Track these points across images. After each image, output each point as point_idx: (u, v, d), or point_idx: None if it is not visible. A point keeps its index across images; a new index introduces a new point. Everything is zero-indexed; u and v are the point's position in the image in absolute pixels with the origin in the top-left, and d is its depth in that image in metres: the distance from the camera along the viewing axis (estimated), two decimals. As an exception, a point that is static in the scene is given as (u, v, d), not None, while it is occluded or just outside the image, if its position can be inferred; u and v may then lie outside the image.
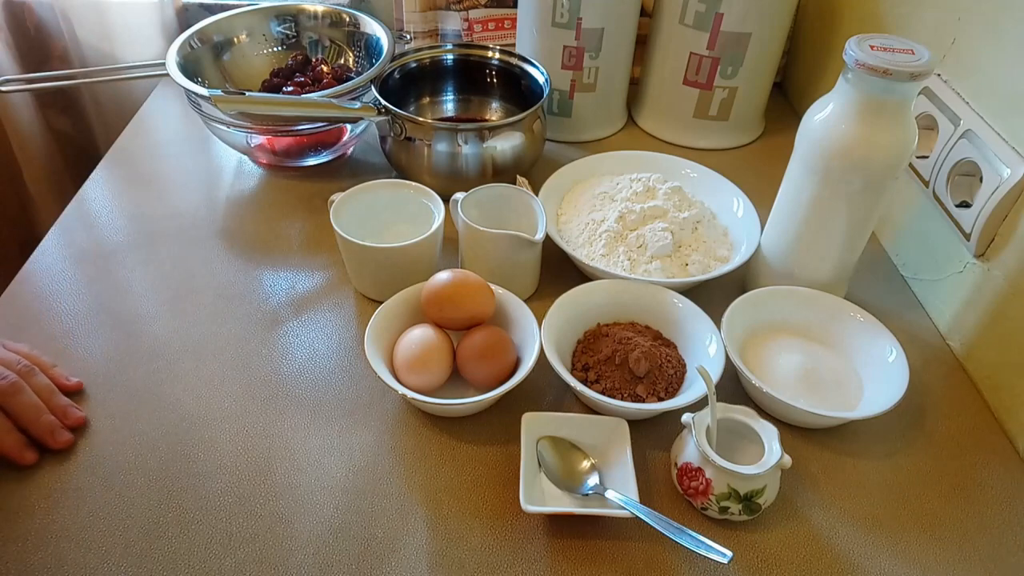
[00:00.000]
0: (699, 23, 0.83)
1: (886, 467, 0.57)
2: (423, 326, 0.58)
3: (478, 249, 0.66)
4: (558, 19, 0.83)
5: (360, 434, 0.57)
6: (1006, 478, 0.56)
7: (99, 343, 0.63)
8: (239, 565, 0.49)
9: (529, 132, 0.78)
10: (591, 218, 0.71)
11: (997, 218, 0.60)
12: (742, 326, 0.61)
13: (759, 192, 0.74)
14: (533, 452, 0.54)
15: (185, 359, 0.62)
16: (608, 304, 0.63)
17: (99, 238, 0.74)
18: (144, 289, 0.69)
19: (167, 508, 0.52)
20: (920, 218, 0.72)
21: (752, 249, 0.68)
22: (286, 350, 0.64)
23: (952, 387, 0.63)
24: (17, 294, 0.68)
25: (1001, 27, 0.61)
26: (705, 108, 0.90)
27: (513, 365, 0.58)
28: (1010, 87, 0.60)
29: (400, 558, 0.49)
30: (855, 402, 0.58)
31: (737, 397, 0.60)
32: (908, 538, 0.52)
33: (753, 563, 0.50)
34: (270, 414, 0.58)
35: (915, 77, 0.52)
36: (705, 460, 0.50)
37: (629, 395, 0.57)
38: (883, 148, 0.56)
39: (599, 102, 0.91)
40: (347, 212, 0.67)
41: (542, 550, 0.50)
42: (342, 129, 0.82)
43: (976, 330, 0.64)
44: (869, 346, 0.61)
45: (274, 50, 0.91)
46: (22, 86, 0.85)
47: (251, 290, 0.69)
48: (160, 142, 0.90)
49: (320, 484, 0.54)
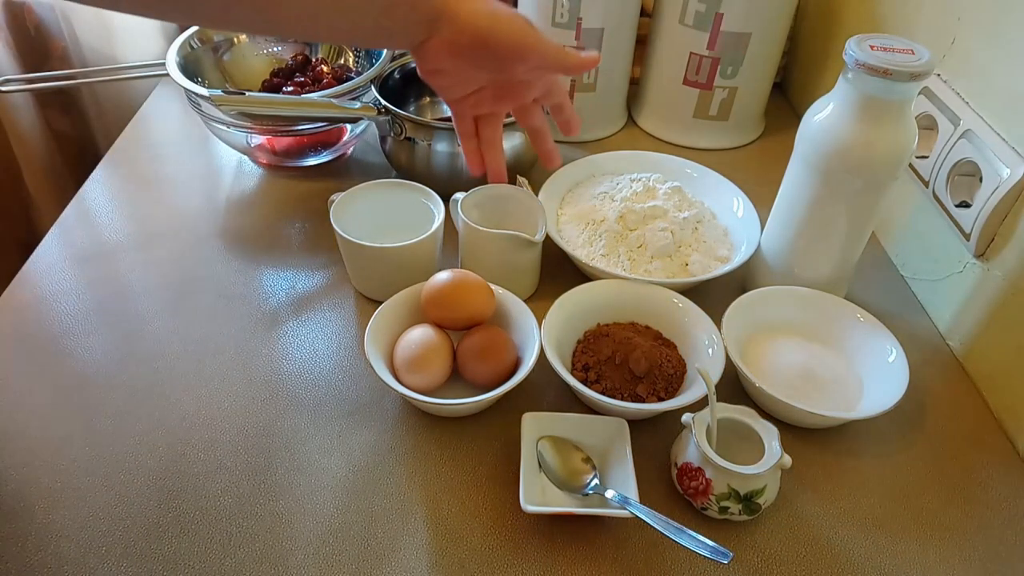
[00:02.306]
0: (699, 23, 0.83)
1: (886, 467, 0.57)
2: (423, 326, 0.58)
3: (478, 249, 0.66)
4: (558, 19, 0.83)
5: (360, 434, 0.57)
6: (1006, 478, 0.56)
7: (99, 343, 0.63)
8: (239, 565, 0.49)
9: (529, 132, 0.78)
10: (591, 218, 0.71)
11: (997, 218, 0.60)
12: (742, 326, 0.61)
13: (759, 192, 0.74)
14: (533, 452, 0.54)
15: (185, 359, 0.62)
16: (608, 304, 0.63)
17: (99, 238, 0.74)
18: (144, 289, 0.69)
19: (167, 508, 0.52)
20: (920, 218, 0.72)
21: (752, 249, 0.68)
22: (286, 350, 0.64)
23: (952, 387, 0.63)
24: (17, 294, 0.68)
25: (1001, 27, 0.61)
26: (705, 108, 0.90)
27: (513, 365, 0.58)
28: (1010, 87, 0.60)
29: (400, 558, 0.49)
30: (855, 402, 0.58)
31: (737, 397, 0.60)
32: (908, 538, 0.52)
33: (753, 563, 0.50)
34: (270, 414, 0.58)
35: (915, 77, 0.52)
36: (705, 460, 0.50)
37: (629, 395, 0.57)
38: (883, 148, 0.56)
39: (599, 102, 0.91)
40: (347, 212, 0.67)
41: (542, 550, 0.50)
42: (342, 129, 0.82)
43: (976, 330, 0.64)
44: (869, 346, 0.61)
45: (274, 50, 0.91)
46: (22, 86, 0.85)
47: (251, 290, 0.69)
48: (160, 142, 0.90)
49: (320, 484, 0.54)
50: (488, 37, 0.51)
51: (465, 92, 0.58)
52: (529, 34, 0.52)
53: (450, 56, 0.52)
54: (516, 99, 0.59)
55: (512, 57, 0.52)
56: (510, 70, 0.53)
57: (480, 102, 0.59)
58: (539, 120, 0.62)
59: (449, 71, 0.54)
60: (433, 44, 0.51)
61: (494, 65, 0.53)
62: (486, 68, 0.54)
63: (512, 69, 0.53)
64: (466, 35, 0.50)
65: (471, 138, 0.62)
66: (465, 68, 0.54)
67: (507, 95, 0.59)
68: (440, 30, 0.50)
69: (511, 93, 0.59)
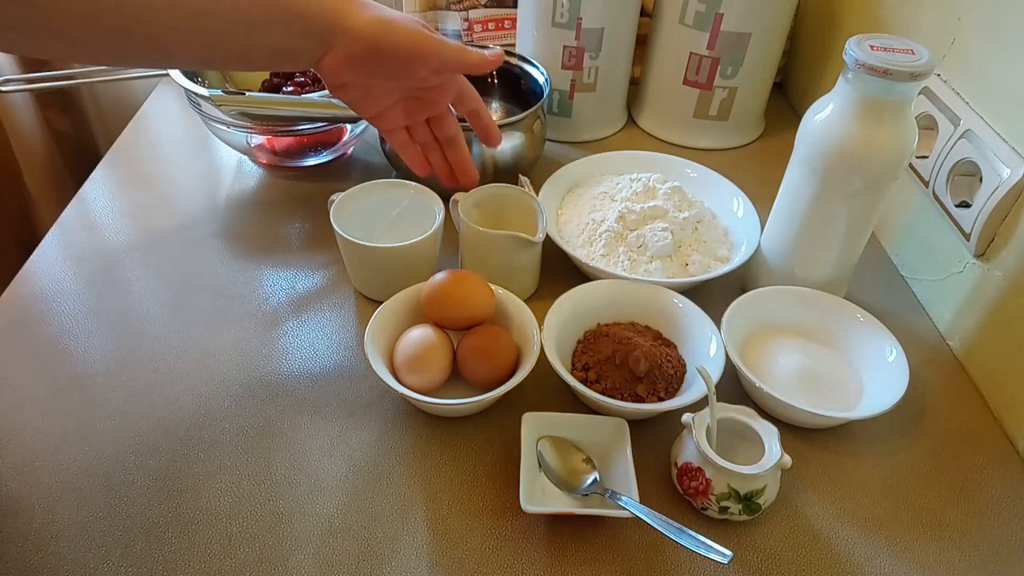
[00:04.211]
0: (699, 23, 0.83)
1: (886, 467, 0.57)
2: (423, 326, 0.58)
3: (478, 249, 0.66)
4: (558, 19, 0.83)
5: (360, 434, 0.57)
6: (1006, 478, 0.56)
7: (99, 343, 0.63)
8: (239, 565, 0.49)
9: (529, 132, 0.78)
10: (591, 218, 0.71)
11: (997, 218, 0.60)
12: (742, 326, 0.61)
13: (759, 192, 0.74)
14: (533, 452, 0.54)
15: (185, 359, 0.62)
16: (608, 304, 0.63)
17: (99, 238, 0.74)
18: (144, 289, 0.69)
19: (167, 508, 0.52)
20: (920, 218, 0.72)
21: (752, 249, 0.68)
22: (286, 350, 0.64)
23: (952, 387, 0.63)
24: (17, 294, 0.68)
25: (1001, 27, 0.61)
26: (705, 108, 0.90)
27: (513, 365, 0.58)
28: (1010, 87, 0.60)
29: (400, 558, 0.49)
30: (855, 402, 0.58)
31: (737, 397, 0.60)
32: (908, 538, 0.52)
33: (753, 563, 0.50)
34: (270, 414, 0.58)
35: (915, 77, 0.52)
36: (705, 460, 0.50)
37: (629, 395, 0.57)
38: (883, 148, 0.56)
39: (599, 102, 0.91)
40: (347, 212, 0.67)
41: (542, 550, 0.50)
42: (342, 129, 0.82)
43: (976, 330, 0.64)
44: (869, 346, 0.61)
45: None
46: (22, 86, 0.85)
47: (251, 290, 0.69)
48: (160, 142, 0.90)
49: (320, 484, 0.54)
50: (382, 43, 0.51)
51: (379, 107, 0.58)
52: (423, 35, 0.52)
53: (350, 69, 0.53)
54: (431, 106, 0.60)
55: (410, 60, 0.53)
56: (412, 74, 0.54)
57: (396, 115, 0.59)
58: (453, 128, 0.62)
59: (354, 84, 0.55)
60: (331, 59, 0.52)
61: (394, 71, 0.54)
62: (388, 76, 0.54)
63: (414, 73, 0.54)
64: (360, 45, 0.51)
65: (409, 146, 0.63)
66: (368, 79, 0.54)
67: (421, 104, 0.59)
68: (335, 44, 0.51)
69: (424, 101, 0.59)
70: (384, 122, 0.60)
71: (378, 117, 0.59)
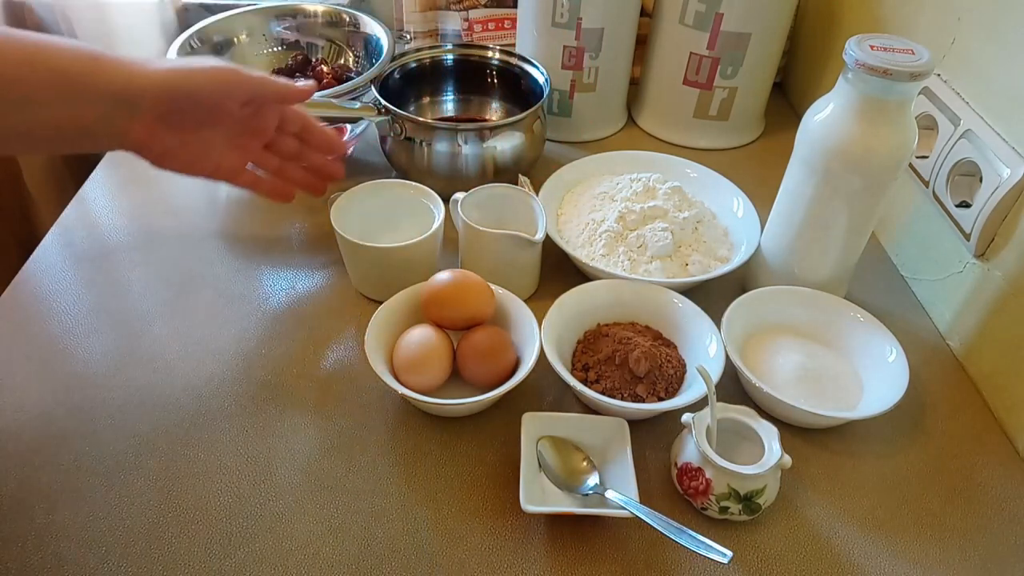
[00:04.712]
0: (699, 23, 0.83)
1: (886, 467, 0.57)
2: (423, 326, 0.58)
3: (478, 249, 0.66)
4: (558, 19, 0.83)
5: (360, 434, 0.57)
6: (1006, 478, 0.56)
7: (99, 343, 0.63)
8: (239, 565, 0.49)
9: (529, 132, 0.78)
10: (591, 218, 0.71)
11: (997, 218, 0.60)
12: (742, 326, 0.61)
13: (759, 192, 0.74)
14: (533, 452, 0.54)
15: (185, 359, 0.62)
16: (608, 304, 0.63)
17: (99, 238, 0.74)
18: (144, 289, 0.69)
19: (167, 508, 0.52)
20: (920, 218, 0.72)
21: (752, 249, 0.68)
22: (286, 350, 0.64)
23: (952, 387, 0.63)
24: (17, 294, 0.68)
25: (1001, 27, 0.61)
26: (705, 108, 0.90)
27: (513, 365, 0.58)
28: (1010, 87, 0.60)
29: (400, 558, 0.49)
30: (855, 402, 0.58)
31: (737, 397, 0.60)
32: (908, 538, 0.52)
33: (753, 563, 0.50)
34: (270, 414, 0.58)
35: (915, 77, 0.52)
36: (705, 460, 0.50)
37: (629, 395, 0.57)
38: (883, 148, 0.56)
39: (599, 102, 0.91)
40: (347, 212, 0.67)
41: (542, 550, 0.50)
42: (342, 129, 0.82)
43: (976, 330, 0.64)
44: (869, 346, 0.61)
45: (274, 50, 0.91)
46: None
47: (251, 290, 0.69)
48: (160, 142, 0.89)
49: (320, 484, 0.54)
50: (183, 92, 0.49)
51: (211, 160, 0.55)
52: (222, 71, 0.50)
53: (163, 132, 0.49)
54: (261, 135, 0.57)
55: (216, 101, 0.50)
56: (224, 114, 0.51)
57: (232, 160, 0.56)
58: (290, 145, 0.59)
59: (175, 149, 0.51)
60: (140, 128, 0.48)
61: (207, 117, 0.51)
62: (201, 123, 0.52)
63: (225, 111, 0.51)
64: (163, 101, 0.48)
65: (259, 183, 0.60)
66: (185, 136, 0.51)
67: (250, 138, 0.57)
68: (136, 109, 0.48)
69: (249, 133, 0.56)
70: (224, 173, 0.56)
71: (216, 170, 0.55)
